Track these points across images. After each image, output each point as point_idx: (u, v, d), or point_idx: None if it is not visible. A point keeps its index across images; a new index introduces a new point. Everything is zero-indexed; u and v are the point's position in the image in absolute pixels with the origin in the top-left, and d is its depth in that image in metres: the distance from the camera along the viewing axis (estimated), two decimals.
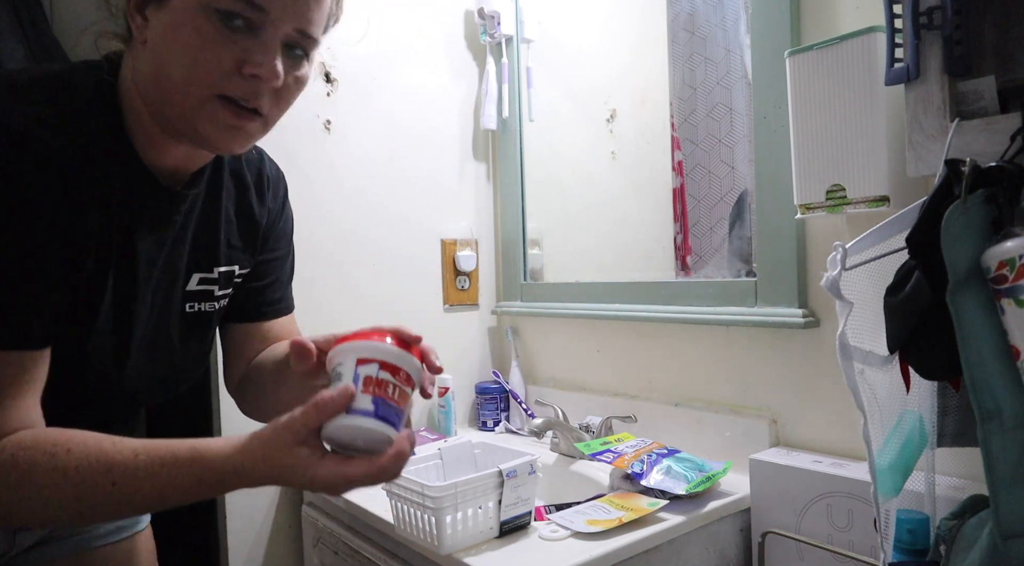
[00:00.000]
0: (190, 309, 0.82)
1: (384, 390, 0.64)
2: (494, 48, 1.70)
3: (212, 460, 0.62)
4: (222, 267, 0.84)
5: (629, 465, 1.09)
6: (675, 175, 1.54)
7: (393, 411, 0.64)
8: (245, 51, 0.65)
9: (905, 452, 0.72)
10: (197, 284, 0.82)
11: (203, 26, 0.64)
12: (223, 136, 0.69)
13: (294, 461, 0.61)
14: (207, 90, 0.66)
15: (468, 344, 1.75)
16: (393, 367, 0.66)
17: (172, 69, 0.65)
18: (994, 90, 0.70)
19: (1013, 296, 0.55)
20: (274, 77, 0.67)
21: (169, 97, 0.67)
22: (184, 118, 0.67)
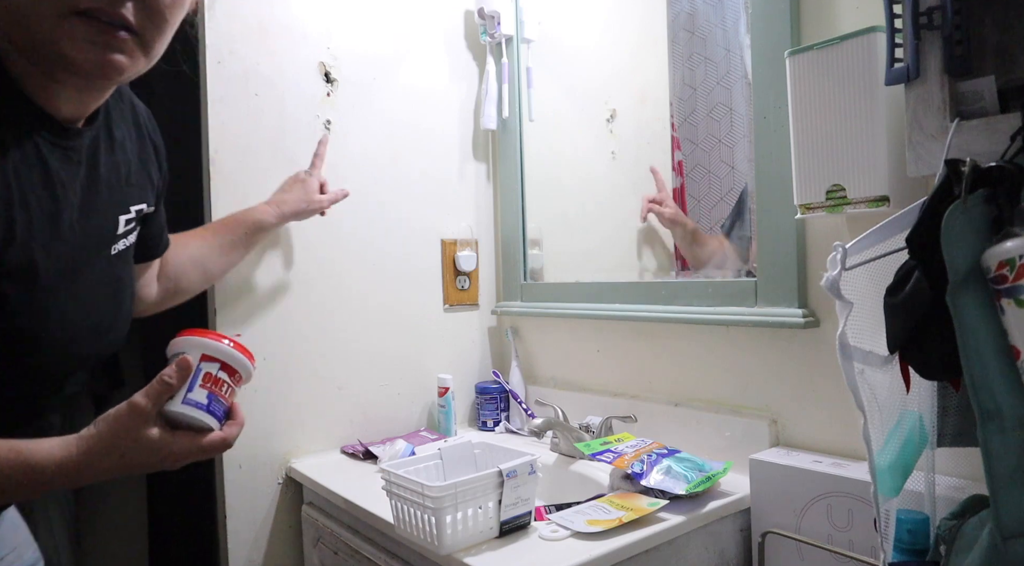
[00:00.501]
0: (114, 251, 0.81)
1: (219, 388, 0.74)
2: (494, 48, 1.70)
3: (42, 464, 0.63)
4: (136, 205, 0.83)
5: (629, 465, 1.09)
6: (675, 175, 1.54)
7: (222, 407, 0.74)
8: None
9: (905, 452, 0.72)
10: (124, 226, 0.81)
11: None
12: (90, 56, 0.64)
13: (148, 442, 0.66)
14: (58, 5, 0.61)
15: (468, 344, 1.75)
16: (231, 369, 0.75)
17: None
18: (994, 90, 0.70)
19: (1013, 296, 0.55)
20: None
21: (21, 22, 0.62)
22: (43, 43, 0.62)
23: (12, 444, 0.64)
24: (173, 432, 0.69)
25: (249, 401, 1.38)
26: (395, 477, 0.99)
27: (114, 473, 0.67)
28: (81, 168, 0.73)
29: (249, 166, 1.37)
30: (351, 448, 1.46)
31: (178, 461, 0.71)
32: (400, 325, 1.61)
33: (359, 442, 1.48)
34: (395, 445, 1.37)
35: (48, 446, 0.65)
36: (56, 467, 0.64)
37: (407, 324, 1.62)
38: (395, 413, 1.59)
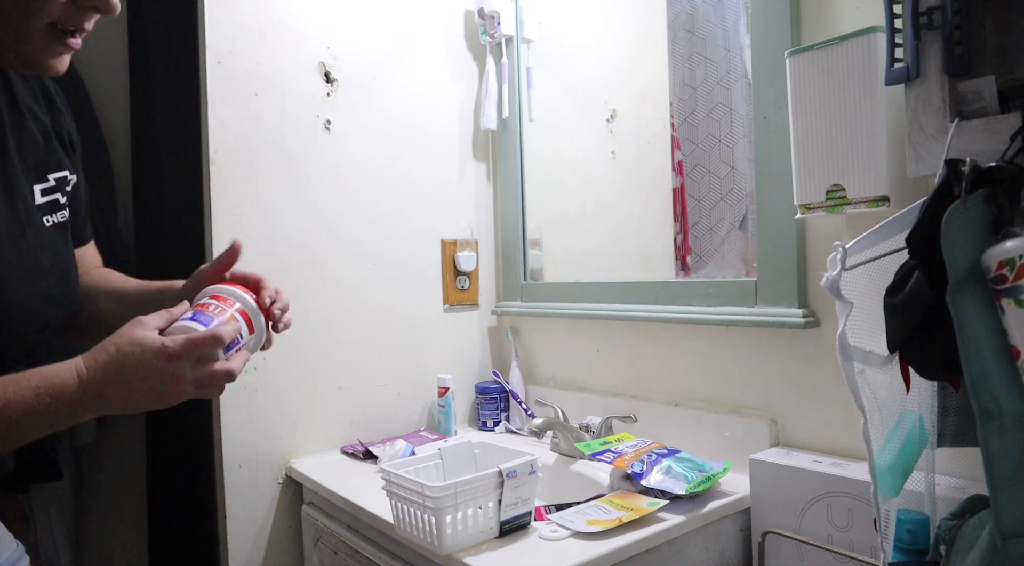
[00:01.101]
0: (48, 223, 0.80)
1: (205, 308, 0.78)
2: (494, 48, 1.70)
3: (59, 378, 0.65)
4: (55, 173, 0.82)
5: (629, 465, 1.09)
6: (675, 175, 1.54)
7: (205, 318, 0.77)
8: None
9: (905, 452, 0.72)
10: (42, 196, 0.80)
11: None
12: (55, 62, 0.67)
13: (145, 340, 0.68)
14: (38, 21, 0.63)
15: (468, 344, 1.75)
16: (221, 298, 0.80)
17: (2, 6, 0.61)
18: (994, 90, 0.70)
19: (1013, 296, 0.55)
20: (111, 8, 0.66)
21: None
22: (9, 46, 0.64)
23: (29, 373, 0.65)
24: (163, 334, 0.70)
25: (249, 401, 1.38)
26: (395, 477, 0.99)
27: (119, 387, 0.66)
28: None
29: (249, 166, 1.37)
30: (351, 448, 1.46)
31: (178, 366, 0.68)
32: (400, 325, 1.61)
33: (359, 442, 1.48)
34: (395, 445, 1.37)
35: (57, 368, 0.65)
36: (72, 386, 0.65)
37: (407, 324, 1.62)
38: (395, 413, 1.59)
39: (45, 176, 0.81)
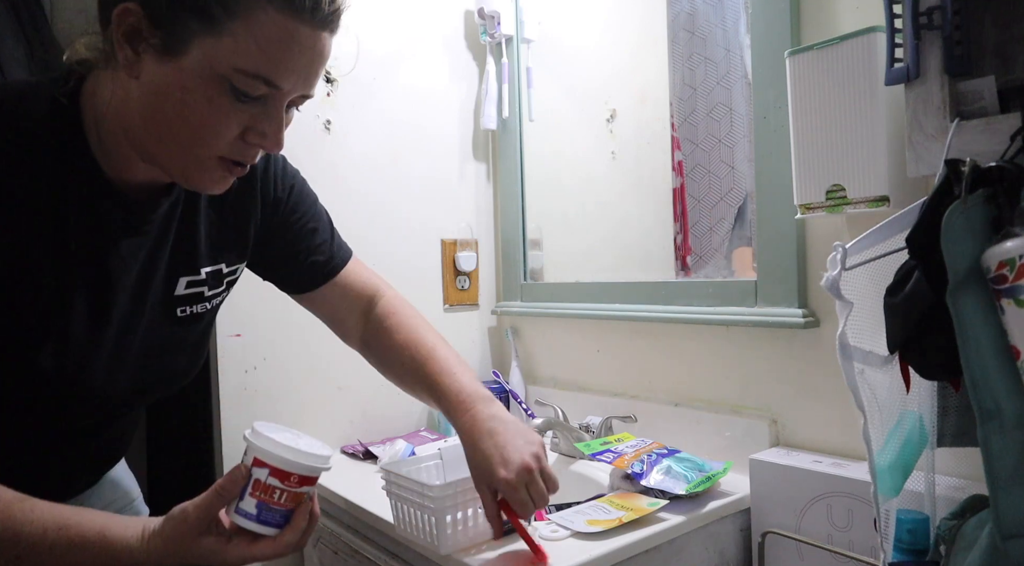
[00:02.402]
0: (182, 313, 0.82)
1: (270, 496, 0.71)
2: (494, 48, 1.69)
3: (119, 551, 0.66)
4: (207, 268, 0.83)
5: (629, 465, 1.09)
6: (675, 175, 1.54)
7: (277, 514, 0.72)
8: (252, 119, 0.66)
9: (905, 452, 0.72)
10: (185, 288, 0.81)
11: (215, 97, 0.63)
12: (213, 187, 0.71)
13: (203, 551, 0.68)
14: (208, 152, 0.67)
15: (468, 344, 1.75)
16: (283, 473, 0.71)
17: (175, 126, 0.65)
18: (994, 90, 0.70)
19: (1013, 296, 0.55)
20: (278, 147, 0.69)
21: (164, 147, 0.67)
22: (176, 167, 0.68)
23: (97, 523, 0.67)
24: (228, 539, 0.70)
25: (249, 401, 1.38)
26: (395, 477, 0.99)
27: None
28: (149, 239, 0.75)
29: None
30: (351, 448, 1.46)
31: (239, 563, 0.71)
32: None
33: (359, 442, 1.48)
34: (395, 445, 1.37)
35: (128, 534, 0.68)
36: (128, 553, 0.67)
37: None
38: (395, 413, 1.59)
39: (197, 269, 0.82)
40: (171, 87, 0.63)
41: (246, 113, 0.66)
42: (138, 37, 0.63)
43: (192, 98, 0.63)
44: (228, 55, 0.62)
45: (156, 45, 0.62)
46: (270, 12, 0.61)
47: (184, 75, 0.62)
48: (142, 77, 0.64)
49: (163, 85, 0.63)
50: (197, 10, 0.61)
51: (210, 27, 0.61)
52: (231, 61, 0.62)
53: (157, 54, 0.63)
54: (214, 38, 0.61)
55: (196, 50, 0.62)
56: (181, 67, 0.62)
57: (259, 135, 0.67)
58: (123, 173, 0.70)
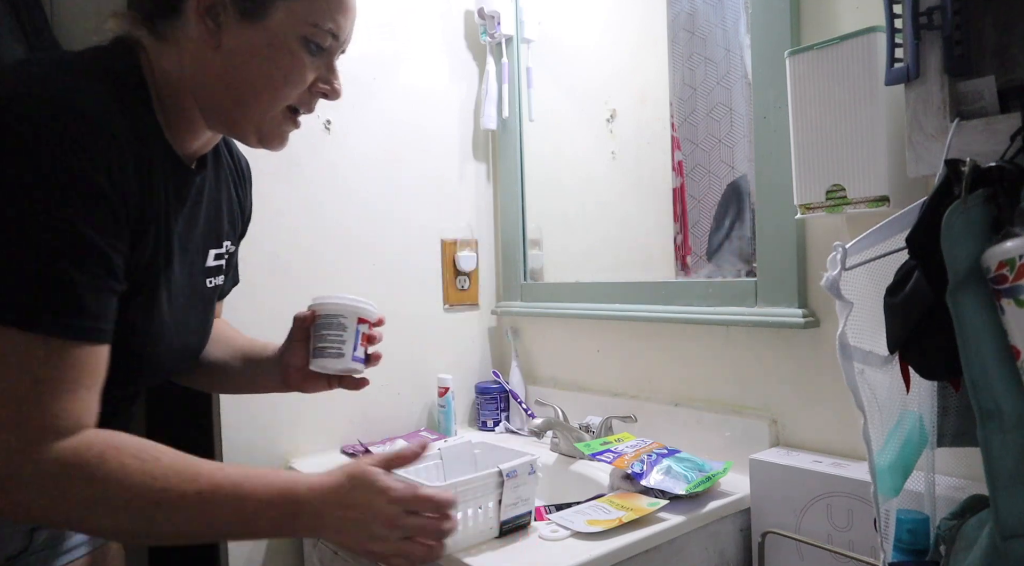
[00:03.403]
0: (209, 283, 0.86)
1: (371, 342, 0.92)
2: (494, 48, 1.70)
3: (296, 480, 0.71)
4: (226, 242, 0.89)
5: (629, 465, 1.09)
6: (675, 175, 1.54)
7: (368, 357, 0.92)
8: (318, 71, 0.76)
9: (905, 452, 0.72)
10: (213, 260, 0.86)
11: (297, 50, 0.73)
12: (280, 139, 0.79)
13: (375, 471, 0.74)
14: (284, 103, 0.75)
15: (468, 344, 1.75)
16: (373, 325, 0.92)
17: (260, 84, 0.73)
18: (994, 90, 0.70)
19: (1013, 296, 0.55)
20: (338, 95, 0.79)
21: (246, 106, 0.74)
22: (252, 121, 0.75)
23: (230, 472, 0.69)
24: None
25: (249, 401, 1.38)
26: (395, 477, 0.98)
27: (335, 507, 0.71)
28: (186, 204, 0.79)
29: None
30: (351, 448, 1.46)
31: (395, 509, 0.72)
32: (400, 325, 1.61)
33: (359, 442, 1.48)
34: (395, 445, 1.37)
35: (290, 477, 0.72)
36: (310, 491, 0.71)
37: (407, 324, 1.62)
38: (395, 413, 1.59)
39: (220, 243, 0.88)
40: (258, 47, 0.71)
41: (315, 65, 0.75)
42: (218, 7, 0.70)
43: (278, 54, 0.72)
44: (306, 13, 0.71)
45: (241, 11, 0.70)
46: None
47: (270, 34, 0.71)
48: (224, 45, 0.71)
49: (251, 47, 0.71)
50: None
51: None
52: (308, 17, 0.72)
53: (240, 19, 0.70)
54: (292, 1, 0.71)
55: (279, 12, 0.71)
56: (267, 27, 0.71)
57: (325, 83, 0.77)
58: (180, 143, 0.76)
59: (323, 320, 0.89)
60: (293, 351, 0.93)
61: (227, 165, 0.92)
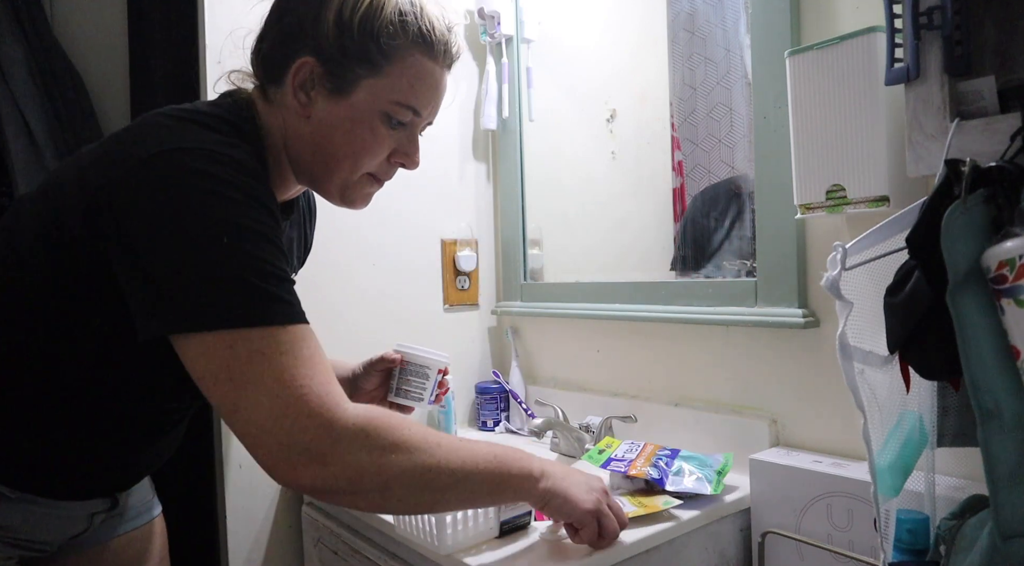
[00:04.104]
0: None
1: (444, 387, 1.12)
2: (494, 48, 1.70)
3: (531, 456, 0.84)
4: (294, 275, 0.98)
5: (646, 473, 1.07)
6: (675, 175, 1.54)
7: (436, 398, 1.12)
8: (398, 143, 0.84)
9: (905, 452, 0.72)
10: None
11: (378, 128, 0.80)
12: (360, 202, 0.88)
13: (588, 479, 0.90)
14: (363, 170, 0.83)
15: (468, 344, 1.75)
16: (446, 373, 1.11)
17: (341, 153, 0.81)
18: (994, 90, 0.70)
19: (1013, 296, 0.55)
20: (416, 164, 0.87)
21: (329, 170, 0.82)
22: (335, 185, 0.84)
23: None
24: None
25: None
26: None
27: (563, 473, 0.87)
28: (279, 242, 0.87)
29: None
30: None
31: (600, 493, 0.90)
32: (400, 325, 1.61)
33: None
34: None
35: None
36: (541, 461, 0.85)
37: (407, 324, 1.62)
38: None
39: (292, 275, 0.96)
40: (342, 120, 0.79)
41: (395, 138, 0.83)
42: (312, 84, 0.79)
43: (359, 128, 0.79)
44: (387, 91, 0.79)
45: (329, 88, 0.78)
46: (416, 56, 0.79)
47: (354, 110, 0.79)
48: (313, 116, 0.79)
49: (335, 120, 0.79)
50: (363, 58, 0.78)
51: (373, 70, 0.78)
52: (390, 96, 0.79)
53: (328, 95, 0.79)
54: (376, 78, 0.78)
55: (362, 90, 0.78)
56: (351, 104, 0.79)
57: (404, 156, 0.85)
58: (276, 191, 0.83)
59: (411, 368, 1.07)
60: (371, 380, 1.09)
61: (302, 206, 1.06)
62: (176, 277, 0.64)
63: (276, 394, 0.64)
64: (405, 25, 0.78)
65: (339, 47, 0.77)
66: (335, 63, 0.77)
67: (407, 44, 0.78)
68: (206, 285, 0.64)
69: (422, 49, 0.79)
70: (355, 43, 0.77)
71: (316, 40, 0.77)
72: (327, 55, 0.77)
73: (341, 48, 0.77)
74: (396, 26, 0.77)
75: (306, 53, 0.78)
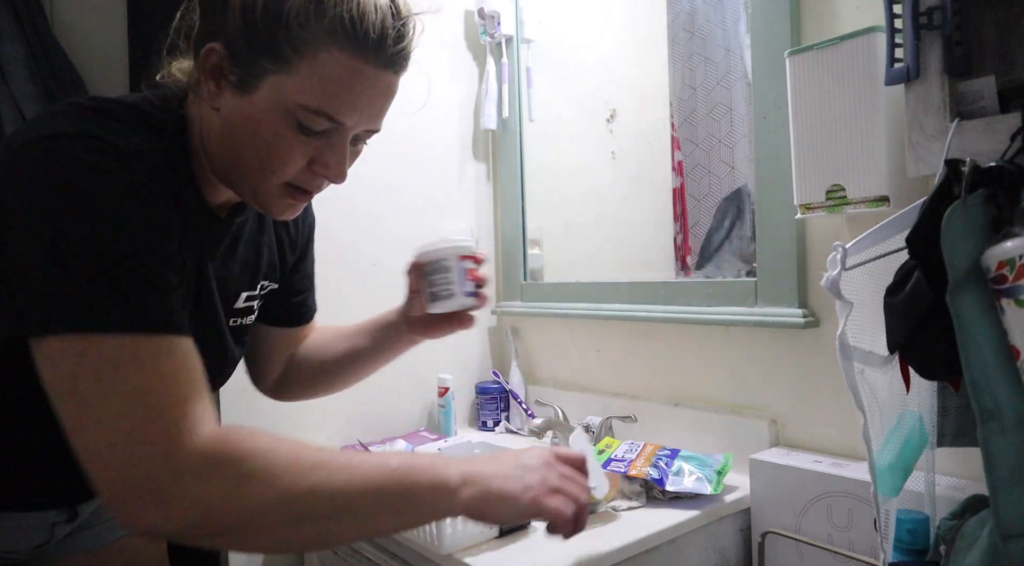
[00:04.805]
0: (234, 323, 0.85)
1: (476, 274, 0.92)
2: (494, 48, 1.69)
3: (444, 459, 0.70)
4: (264, 282, 0.89)
5: (647, 473, 1.08)
6: (675, 175, 1.54)
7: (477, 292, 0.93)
8: (317, 151, 0.71)
9: (905, 452, 0.72)
10: (244, 301, 0.86)
11: (282, 129, 0.68)
12: (280, 212, 0.75)
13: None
14: (276, 179, 0.71)
15: (468, 344, 1.74)
16: (476, 259, 0.93)
17: (246, 154, 0.70)
18: (994, 90, 0.70)
19: (1013, 296, 0.55)
20: (341, 178, 0.74)
21: (238, 173, 0.72)
22: (248, 191, 0.73)
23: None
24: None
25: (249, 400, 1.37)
26: None
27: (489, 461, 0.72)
28: (221, 248, 0.79)
29: None
30: (351, 448, 1.46)
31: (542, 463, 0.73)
32: None
33: (359, 442, 1.48)
34: (395, 445, 1.37)
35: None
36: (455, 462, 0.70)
37: None
38: (395, 413, 1.59)
39: (255, 285, 0.87)
40: (244, 120, 0.68)
41: (311, 145, 0.70)
42: (220, 73, 0.68)
43: (261, 130, 0.68)
44: (294, 92, 0.66)
45: (234, 81, 0.67)
46: (334, 52, 0.66)
47: (255, 109, 0.67)
48: (222, 109, 0.69)
49: (237, 118, 0.68)
50: (270, 50, 0.65)
51: (280, 66, 0.66)
52: (296, 98, 0.66)
53: (234, 89, 0.68)
54: (283, 76, 0.66)
55: (267, 87, 0.66)
56: (253, 102, 0.67)
57: (323, 166, 0.72)
58: (209, 193, 0.75)
59: (429, 267, 0.93)
60: (413, 304, 0.96)
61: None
62: (31, 273, 0.57)
63: (120, 414, 0.55)
64: (321, 12, 0.65)
65: (244, 34, 0.66)
66: (240, 53, 0.67)
67: (321, 36, 0.65)
68: (61, 283, 0.56)
69: (342, 43, 0.66)
70: (260, 31, 0.65)
71: (223, 24, 0.67)
72: (233, 42, 0.67)
73: (246, 35, 0.66)
74: (309, 13, 0.64)
75: (215, 38, 0.68)
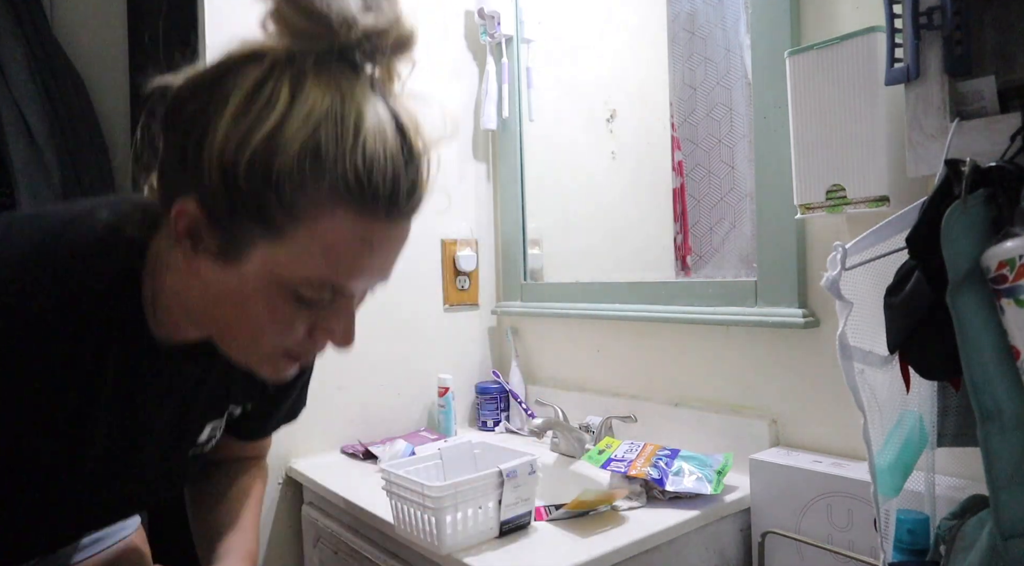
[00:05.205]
0: (193, 452, 0.81)
1: None
2: (494, 48, 1.69)
3: None
4: (234, 407, 0.83)
5: (647, 473, 1.08)
6: (675, 175, 1.54)
7: None
8: (320, 318, 0.61)
9: (905, 452, 0.72)
10: (209, 432, 0.80)
11: (279, 305, 0.58)
12: (273, 375, 0.66)
13: None
14: (269, 349, 0.62)
15: (468, 344, 1.75)
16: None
17: (235, 329, 0.62)
18: (994, 90, 0.70)
19: (1013, 296, 0.55)
20: (348, 344, 0.65)
21: (226, 341, 0.64)
22: (238, 358, 0.64)
23: None
24: None
25: None
26: (395, 477, 0.99)
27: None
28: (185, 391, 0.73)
29: None
30: (351, 448, 1.46)
31: None
32: (400, 325, 1.61)
33: (359, 442, 1.48)
34: (395, 445, 1.37)
35: None
36: None
37: (407, 324, 1.62)
38: (395, 413, 1.59)
39: (222, 414, 0.80)
40: (229, 292, 0.58)
41: (313, 314, 0.61)
42: (196, 237, 0.57)
43: (251, 305, 0.58)
44: (291, 263, 0.55)
45: (213, 249, 0.56)
46: (337, 215, 0.54)
47: (243, 282, 0.57)
48: (201, 274, 0.59)
49: (223, 290, 0.58)
50: (258, 216, 0.54)
51: (272, 233, 0.54)
52: (294, 270, 0.56)
53: (214, 258, 0.57)
54: (276, 244, 0.55)
55: (256, 257, 0.56)
56: (240, 274, 0.57)
57: (327, 332, 0.63)
58: (173, 335, 0.67)
59: None
60: None
61: None
62: None
63: None
64: (320, 170, 0.53)
65: (225, 196, 0.54)
66: (220, 215, 0.55)
67: (321, 198, 0.53)
68: None
69: (347, 204, 0.54)
70: (244, 191, 0.53)
71: (198, 176, 0.54)
72: (211, 202, 0.55)
73: (227, 197, 0.54)
74: (305, 172, 0.52)
75: (188, 192, 0.55)
